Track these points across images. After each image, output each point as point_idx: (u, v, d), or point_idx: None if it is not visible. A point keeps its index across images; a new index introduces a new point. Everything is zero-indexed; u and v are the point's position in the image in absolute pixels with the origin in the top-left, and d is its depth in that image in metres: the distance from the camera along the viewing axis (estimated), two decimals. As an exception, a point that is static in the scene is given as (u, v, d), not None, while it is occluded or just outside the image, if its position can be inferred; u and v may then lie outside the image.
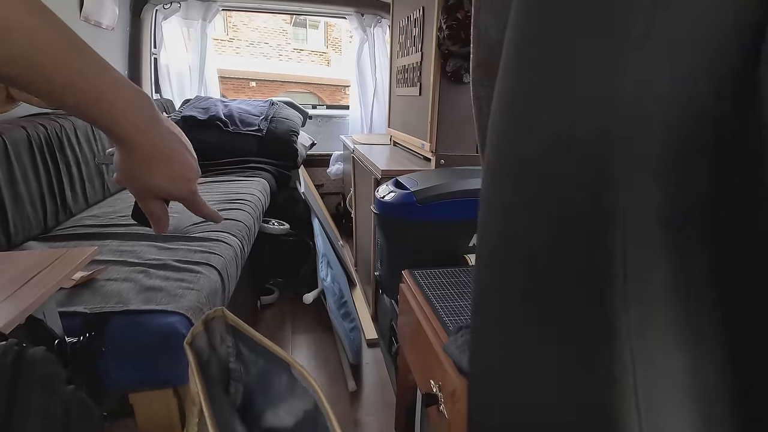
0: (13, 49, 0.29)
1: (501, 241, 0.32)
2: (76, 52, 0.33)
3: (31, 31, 0.30)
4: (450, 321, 0.93)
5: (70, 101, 0.33)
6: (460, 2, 1.40)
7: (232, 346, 0.58)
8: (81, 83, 0.33)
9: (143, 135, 0.37)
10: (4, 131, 1.27)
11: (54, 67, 0.31)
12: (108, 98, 0.35)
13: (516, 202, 0.30)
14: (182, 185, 0.42)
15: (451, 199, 1.37)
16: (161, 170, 0.40)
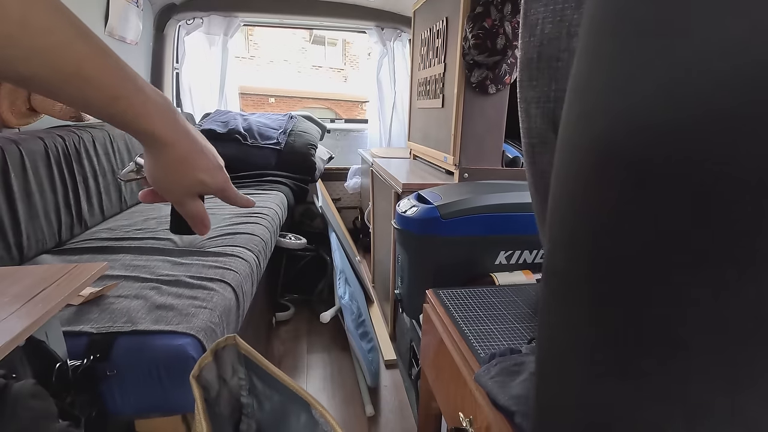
0: (57, 60, 0.30)
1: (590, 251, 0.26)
2: (113, 61, 0.34)
3: (74, 48, 0.31)
4: (480, 346, 0.85)
5: (108, 108, 0.34)
6: (487, 11, 1.35)
7: (245, 378, 0.51)
8: (115, 90, 0.34)
9: (177, 133, 0.38)
10: (21, 142, 1.25)
11: (96, 73, 0.32)
12: (141, 100, 0.36)
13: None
14: (218, 175, 0.43)
15: (477, 214, 1.30)
16: (199, 164, 0.41)
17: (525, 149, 0.51)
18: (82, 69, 0.32)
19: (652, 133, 0.21)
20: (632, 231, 0.22)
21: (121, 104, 0.34)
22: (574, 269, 0.26)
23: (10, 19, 0.28)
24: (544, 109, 0.48)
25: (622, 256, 0.22)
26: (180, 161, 0.39)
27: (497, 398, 0.67)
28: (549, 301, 0.30)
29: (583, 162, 0.25)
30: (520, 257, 1.34)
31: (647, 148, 0.21)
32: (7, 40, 0.28)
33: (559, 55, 0.45)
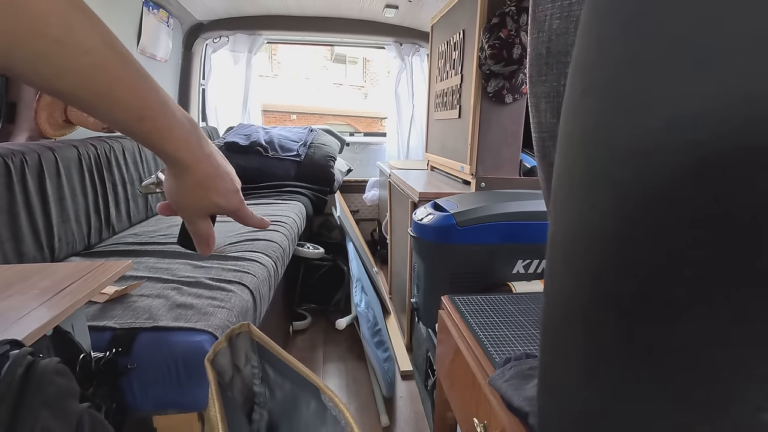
0: (90, 80, 0.31)
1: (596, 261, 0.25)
2: (144, 82, 0.35)
3: (108, 70, 0.32)
4: (495, 352, 0.84)
5: (133, 127, 0.36)
6: (503, 22, 1.37)
7: (258, 366, 0.52)
8: (143, 111, 0.35)
9: (198, 157, 0.40)
10: (57, 150, 1.33)
11: (125, 95, 0.34)
12: (167, 124, 0.37)
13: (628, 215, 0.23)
14: (233, 198, 0.44)
15: (493, 222, 1.30)
16: (216, 188, 0.42)
17: (535, 143, 0.52)
18: (112, 90, 0.33)
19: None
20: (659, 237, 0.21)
21: (147, 125, 0.36)
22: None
23: (48, 36, 0.29)
24: (554, 104, 0.48)
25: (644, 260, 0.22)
26: (198, 184, 0.41)
27: (511, 400, 0.66)
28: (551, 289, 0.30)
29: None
30: (538, 266, 1.32)
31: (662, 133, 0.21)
32: (44, 57, 0.29)
33: (568, 50, 0.46)
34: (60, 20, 0.29)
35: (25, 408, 0.38)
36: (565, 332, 0.26)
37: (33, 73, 0.30)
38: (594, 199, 0.24)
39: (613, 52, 0.25)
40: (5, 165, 1.13)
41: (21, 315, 0.63)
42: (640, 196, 0.21)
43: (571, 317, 0.26)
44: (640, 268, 0.21)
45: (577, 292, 0.25)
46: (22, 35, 0.28)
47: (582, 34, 0.28)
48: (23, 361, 0.41)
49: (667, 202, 0.20)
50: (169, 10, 2.26)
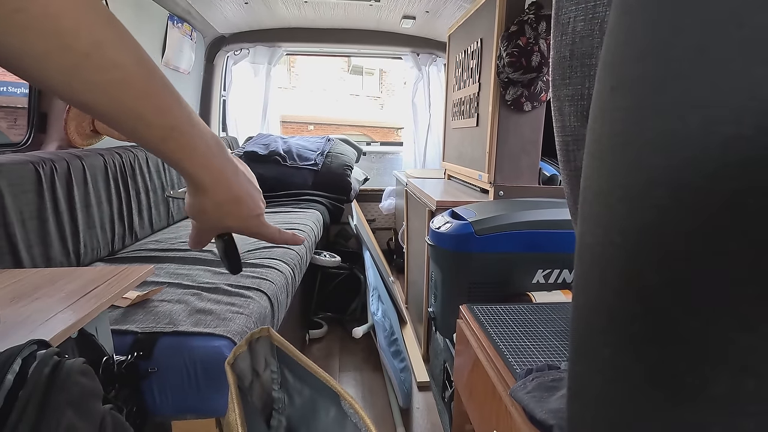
0: (116, 95, 0.32)
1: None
2: (171, 100, 0.35)
3: (135, 86, 0.33)
4: (516, 363, 0.82)
5: (157, 145, 0.36)
6: (522, 30, 1.37)
7: (277, 371, 0.52)
8: (166, 131, 0.35)
9: (217, 179, 0.40)
10: (84, 158, 1.37)
11: (150, 112, 0.34)
12: (190, 144, 0.37)
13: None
14: (251, 223, 0.44)
15: (512, 231, 1.28)
16: (232, 213, 0.42)
17: (559, 148, 0.51)
18: (137, 107, 0.33)
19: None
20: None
21: (170, 145, 0.36)
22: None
23: (78, 51, 0.29)
24: (578, 107, 0.48)
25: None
26: (214, 206, 0.41)
27: (534, 412, 0.64)
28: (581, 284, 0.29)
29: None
30: (559, 276, 1.29)
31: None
32: (74, 72, 0.30)
33: (593, 52, 0.45)
34: (89, 35, 0.30)
35: (51, 407, 0.39)
36: (597, 338, 0.25)
37: (63, 86, 0.30)
38: (625, 194, 0.24)
39: (643, 46, 0.24)
40: (36, 172, 1.17)
41: (48, 317, 0.65)
42: (676, 191, 0.21)
43: (604, 321, 0.25)
44: (679, 262, 0.20)
45: (609, 295, 0.24)
46: (54, 50, 0.29)
47: (610, 32, 0.28)
48: (50, 361, 0.42)
49: (706, 197, 0.19)
50: (193, 24, 2.33)
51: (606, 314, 0.25)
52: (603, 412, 0.25)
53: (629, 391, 0.23)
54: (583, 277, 0.28)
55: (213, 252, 1.45)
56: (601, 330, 0.25)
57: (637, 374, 0.23)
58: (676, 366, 0.21)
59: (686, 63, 0.21)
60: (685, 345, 0.21)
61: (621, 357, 0.24)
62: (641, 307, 0.22)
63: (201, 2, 2.14)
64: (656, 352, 0.22)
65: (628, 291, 0.23)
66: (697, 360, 0.20)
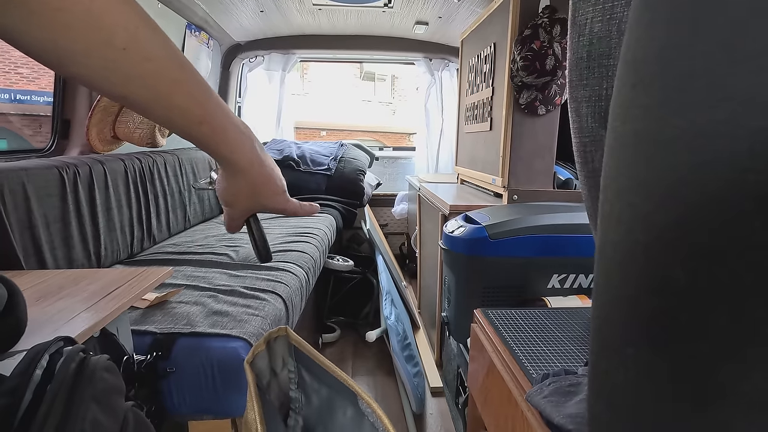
0: (152, 86, 0.34)
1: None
2: (203, 89, 0.38)
3: (169, 76, 0.35)
4: (532, 368, 0.81)
5: (192, 131, 0.38)
6: (536, 33, 1.37)
7: (294, 371, 0.53)
8: (201, 117, 0.38)
9: (251, 161, 0.43)
10: (106, 162, 1.41)
11: (184, 100, 0.36)
12: (223, 128, 0.40)
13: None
14: (279, 199, 0.47)
15: (526, 235, 1.27)
16: (265, 191, 0.45)
17: (576, 149, 0.50)
18: (172, 95, 0.35)
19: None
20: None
21: (205, 129, 0.38)
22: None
23: (116, 46, 0.31)
24: (596, 108, 0.47)
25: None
26: (249, 187, 0.44)
27: (551, 417, 0.63)
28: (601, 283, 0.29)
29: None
30: (575, 281, 1.27)
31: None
32: (112, 64, 0.32)
33: (611, 52, 0.45)
34: (126, 31, 0.31)
35: (77, 401, 0.40)
36: (620, 336, 0.25)
37: (103, 80, 0.32)
38: (648, 192, 0.24)
39: (665, 43, 0.24)
40: (60, 177, 1.20)
41: (71, 316, 0.66)
42: (703, 186, 0.20)
43: (627, 319, 0.25)
44: (708, 258, 0.20)
45: (632, 293, 0.24)
46: (95, 46, 0.30)
47: (631, 30, 0.28)
48: (76, 357, 0.43)
49: (735, 192, 0.19)
50: (210, 33, 2.38)
51: (629, 312, 0.25)
52: (627, 412, 0.25)
53: (655, 390, 0.23)
54: (604, 276, 0.28)
55: (228, 255, 1.47)
56: (624, 328, 0.25)
57: (663, 372, 0.23)
58: (705, 363, 0.21)
59: (711, 58, 0.21)
60: (714, 341, 0.20)
61: (646, 355, 0.23)
62: (667, 305, 0.22)
63: (218, 11, 2.18)
64: (683, 349, 0.21)
65: (653, 288, 0.23)
66: (726, 356, 0.20)
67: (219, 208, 2.33)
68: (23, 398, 0.38)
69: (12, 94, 8.92)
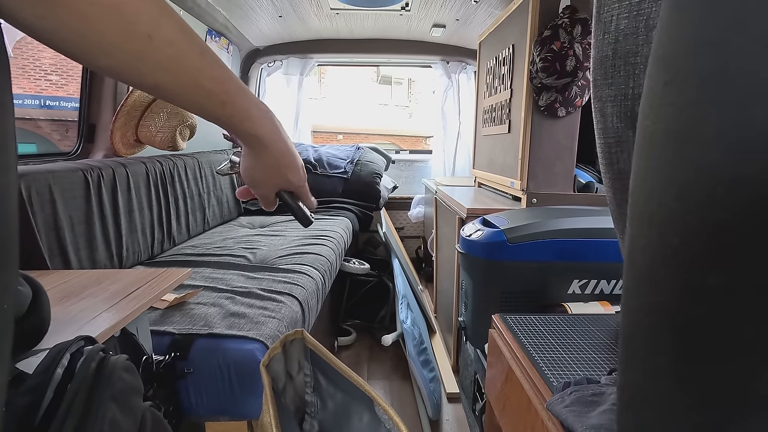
0: (177, 71, 0.35)
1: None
2: (224, 71, 0.40)
3: (192, 60, 0.36)
4: (553, 375, 0.79)
5: (217, 112, 0.40)
6: (556, 34, 1.34)
7: (310, 375, 0.52)
8: (224, 96, 0.40)
9: (275, 135, 0.45)
10: (128, 165, 1.44)
11: (208, 82, 0.38)
12: (246, 106, 0.42)
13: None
14: (301, 174, 0.50)
15: (546, 239, 1.24)
16: (289, 164, 0.48)
17: (601, 150, 0.49)
18: (197, 79, 0.37)
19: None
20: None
21: (229, 109, 0.40)
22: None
23: (140, 35, 0.33)
24: (622, 107, 0.46)
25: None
26: (275, 161, 0.46)
27: (573, 427, 0.61)
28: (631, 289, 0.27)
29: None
30: (596, 287, 1.24)
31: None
32: (139, 54, 0.33)
33: (638, 50, 0.44)
34: (149, 19, 0.33)
35: (96, 401, 0.40)
36: (652, 345, 0.24)
37: (131, 69, 0.33)
38: (681, 193, 0.22)
39: (700, 38, 0.23)
40: (85, 179, 1.24)
41: (93, 316, 0.67)
42: (740, 186, 0.19)
43: (659, 327, 0.23)
44: (745, 261, 0.19)
45: (664, 299, 0.23)
46: (123, 35, 0.32)
47: (663, 26, 0.27)
48: (96, 357, 0.44)
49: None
50: (230, 38, 2.42)
51: (661, 319, 0.24)
52: (658, 424, 0.23)
53: (689, 402, 0.22)
54: (635, 281, 0.26)
55: (246, 257, 1.48)
56: (655, 336, 0.24)
57: (698, 383, 0.21)
58: (744, 373, 0.19)
59: (749, 53, 0.20)
60: (754, 350, 0.19)
61: (680, 364, 0.22)
62: (702, 311, 0.21)
63: (238, 17, 2.22)
64: (720, 358, 0.20)
65: (687, 294, 0.22)
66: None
67: (237, 211, 2.36)
68: (44, 396, 0.39)
69: (42, 100, 9.27)
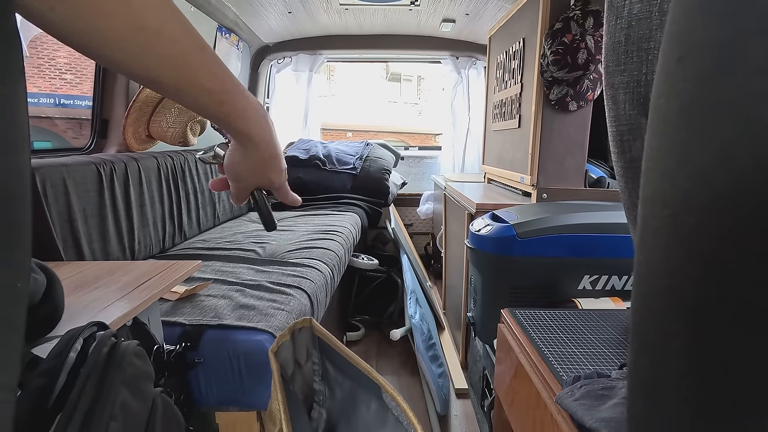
0: (179, 67, 0.36)
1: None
2: (222, 70, 0.40)
3: (194, 57, 0.37)
4: (563, 370, 0.78)
5: (215, 110, 0.41)
6: (567, 26, 1.32)
7: (318, 363, 0.52)
8: (222, 96, 0.40)
9: (266, 137, 0.46)
10: (140, 159, 1.46)
11: (207, 80, 0.39)
12: (243, 106, 0.43)
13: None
14: (282, 176, 0.51)
15: (556, 235, 1.23)
16: (273, 166, 0.48)
17: (613, 138, 0.48)
18: (198, 76, 0.38)
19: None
20: None
21: (226, 108, 0.41)
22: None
23: (149, 29, 0.33)
24: (634, 94, 0.45)
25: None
26: (262, 161, 0.47)
27: (583, 421, 0.60)
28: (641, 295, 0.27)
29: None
30: (607, 283, 1.22)
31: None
32: (145, 47, 0.34)
33: (651, 35, 0.43)
34: (156, 13, 0.33)
35: (108, 385, 0.40)
36: (665, 329, 0.23)
37: (137, 63, 0.34)
38: (696, 170, 0.22)
39: (716, 9, 0.22)
40: (97, 173, 1.25)
41: (106, 305, 0.68)
42: (758, 159, 0.19)
43: (672, 310, 0.23)
44: (764, 237, 0.18)
45: (678, 281, 0.23)
46: (132, 29, 0.32)
47: (676, 2, 0.26)
48: (108, 342, 0.44)
49: None
50: (240, 35, 2.43)
51: (674, 302, 0.23)
52: (672, 411, 0.23)
53: (706, 387, 0.21)
54: (646, 265, 0.26)
55: (255, 251, 1.49)
56: (669, 320, 0.23)
57: (714, 367, 0.21)
58: (762, 356, 0.19)
59: (765, 20, 0.19)
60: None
61: (695, 348, 0.22)
62: (719, 291, 0.20)
63: (248, 13, 2.23)
64: (738, 340, 0.19)
65: (703, 274, 0.21)
66: None
67: (247, 206, 2.38)
68: (58, 379, 0.40)
69: (57, 98, 9.43)
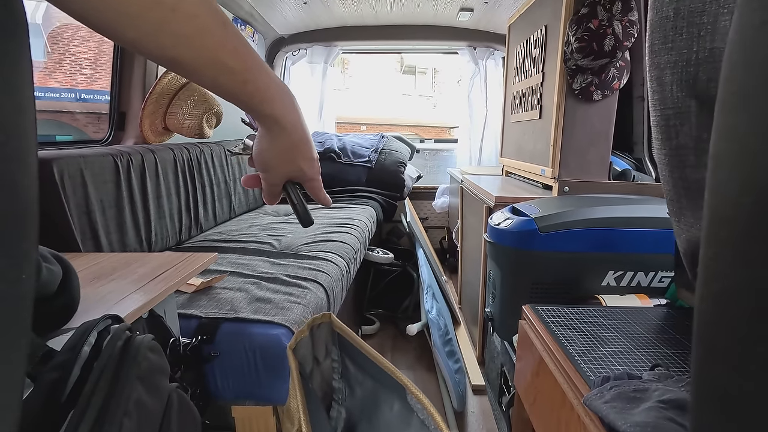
0: (198, 45, 0.34)
1: None
2: (245, 48, 0.38)
3: (214, 33, 0.35)
4: (589, 369, 0.74)
5: (237, 90, 0.39)
6: (593, 11, 1.27)
7: (338, 360, 0.50)
8: (245, 75, 0.38)
9: (294, 120, 0.43)
10: (157, 152, 1.46)
11: (229, 59, 0.37)
12: (267, 87, 0.40)
13: None
14: (314, 165, 0.47)
15: (580, 229, 1.18)
16: (303, 153, 0.45)
17: (657, 123, 0.44)
18: (218, 54, 0.35)
19: None
20: None
21: (249, 88, 0.38)
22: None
23: (165, 5, 0.32)
24: (684, 74, 0.41)
25: None
26: (290, 146, 0.44)
27: (615, 424, 0.57)
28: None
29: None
30: (632, 279, 1.18)
31: None
32: (162, 25, 0.32)
33: (704, 7, 0.39)
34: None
35: (122, 380, 0.39)
36: (745, 332, 0.20)
37: (153, 42, 0.32)
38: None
39: None
40: (114, 164, 1.26)
41: (122, 297, 0.68)
42: None
43: (754, 311, 0.20)
44: None
45: (763, 273, 0.19)
46: (148, 6, 0.31)
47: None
48: (122, 335, 0.43)
49: None
50: (255, 27, 2.42)
51: (759, 300, 0.20)
52: (757, 426, 0.20)
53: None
54: (718, 261, 0.23)
55: (271, 244, 1.48)
56: (748, 322, 0.20)
57: None
58: None
59: None
60: None
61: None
62: None
63: (263, 5, 2.21)
64: None
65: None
66: None
67: (262, 198, 2.38)
68: (71, 373, 0.38)
69: (77, 93, 9.61)
